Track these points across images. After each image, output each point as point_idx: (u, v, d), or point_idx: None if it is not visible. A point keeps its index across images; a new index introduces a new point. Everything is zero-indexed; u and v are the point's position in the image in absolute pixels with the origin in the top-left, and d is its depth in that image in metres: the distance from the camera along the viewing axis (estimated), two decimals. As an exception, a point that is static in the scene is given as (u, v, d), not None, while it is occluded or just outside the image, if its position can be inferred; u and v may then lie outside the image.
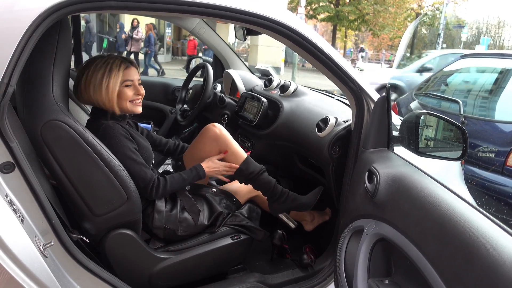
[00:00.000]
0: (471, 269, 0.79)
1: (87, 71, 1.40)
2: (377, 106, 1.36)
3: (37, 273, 1.00)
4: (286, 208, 1.75)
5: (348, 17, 22.58)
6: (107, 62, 1.41)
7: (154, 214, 1.49)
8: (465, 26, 18.78)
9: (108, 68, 1.40)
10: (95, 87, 1.40)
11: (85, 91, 1.41)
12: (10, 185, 1.03)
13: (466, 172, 2.93)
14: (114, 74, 1.40)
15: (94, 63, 1.41)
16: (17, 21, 0.98)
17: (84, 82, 1.41)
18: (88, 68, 1.40)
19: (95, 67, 1.40)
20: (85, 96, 1.43)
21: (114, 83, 1.41)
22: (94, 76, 1.39)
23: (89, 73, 1.40)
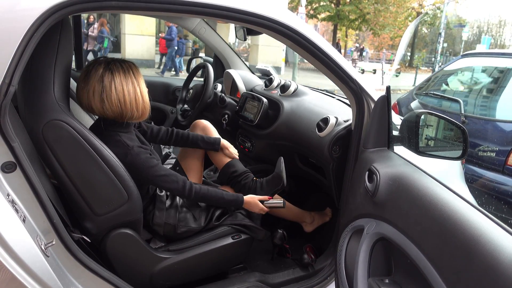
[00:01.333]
0: (471, 268, 0.79)
1: (103, 80, 1.26)
2: (377, 106, 1.36)
3: (39, 272, 1.01)
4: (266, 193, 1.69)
5: (349, 17, 22.56)
6: (125, 67, 1.29)
7: (155, 212, 1.50)
8: (466, 25, 18.74)
9: (131, 74, 1.30)
10: (120, 102, 1.29)
11: (109, 109, 1.29)
12: (12, 185, 1.03)
13: (467, 172, 2.93)
14: (140, 79, 1.33)
15: (101, 78, 1.26)
16: (18, 21, 0.98)
17: (104, 102, 1.27)
18: (102, 77, 1.26)
19: (111, 80, 1.26)
20: (106, 113, 1.29)
21: (144, 88, 1.34)
22: (118, 91, 1.27)
23: (113, 86, 1.27)
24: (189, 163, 1.81)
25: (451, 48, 19.47)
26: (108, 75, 1.27)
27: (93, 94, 1.27)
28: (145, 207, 1.48)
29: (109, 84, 1.27)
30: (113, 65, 1.29)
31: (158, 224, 1.50)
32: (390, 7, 22.53)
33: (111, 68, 1.28)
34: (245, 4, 1.24)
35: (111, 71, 1.27)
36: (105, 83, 1.27)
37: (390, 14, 22.92)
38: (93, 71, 1.27)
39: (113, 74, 1.28)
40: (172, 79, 3.10)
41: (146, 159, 1.37)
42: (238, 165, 1.81)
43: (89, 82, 1.27)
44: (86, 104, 1.30)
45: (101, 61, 1.30)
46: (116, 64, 1.30)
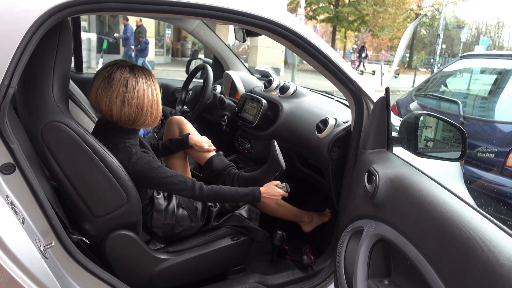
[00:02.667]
0: (470, 269, 0.79)
1: (131, 90, 1.26)
2: (377, 107, 1.36)
3: (38, 274, 1.01)
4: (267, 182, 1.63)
5: (348, 18, 22.60)
6: (146, 74, 1.30)
7: (153, 213, 1.50)
8: (465, 26, 18.78)
9: (151, 79, 1.31)
10: (139, 107, 1.28)
11: (127, 113, 1.28)
12: (11, 186, 1.03)
13: (465, 173, 2.93)
14: (157, 86, 1.33)
15: (126, 81, 1.26)
16: (17, 22, 0.98)
17: (124, 105, 1.26)
18: (127, 87, 1.26)
19: (134, 85, 1.26)
20: (122, 117, 1.28)
21: (159, 95, 1.34)
22: (139, 96, 1.27)
23: (136, 92, 1.26)
24: (173, 164, 1.82)
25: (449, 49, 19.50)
26: (132, 78, 1.27)
27: (116, 96, 1.26)
28: (143, 209, 1.47)
29: (132, 88, 1.27)
30: (136, 70, 1.29)
31: (157, 226, 1.50)
32: (389, 9, 22.58)
33: (135, 73, 1.28)
34: (244, 6, 1.25)
35: (135, 75, 1.28)
36: (130, 86, 1.26)
37: (389, 16, 22.96)
38: (118, 73, 1.26)
39: (137, 79, 1.28)
40: (171, 81, 3.10)
41: (149, 162, 1.36)
42: (217, 162, 1.81)
43: (113, 84, 1.26)
44: (106, 107, 1.28)
45: (124, 64, 1.30)
46: (138, 68, 1.30)
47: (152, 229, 1.51)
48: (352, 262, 1.18)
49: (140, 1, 1.12)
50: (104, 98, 1.27)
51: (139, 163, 1.33)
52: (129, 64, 1.30)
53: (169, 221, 1.51)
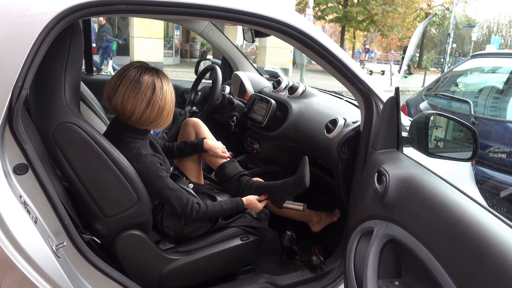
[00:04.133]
0: (482, 270, 0.78)
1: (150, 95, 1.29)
2: (386, 107, 1.36)
3: (50, 273, 1.02)
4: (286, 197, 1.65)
5: (357, 18, 22.47)
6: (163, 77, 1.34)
7: (163, 213, 1.51)
8: (476, 25, 18.57)
9: (169, 84, 1.35)
10: (160, 109, 1.32)
11: (148, 114, 1.31)
12: (24, 187, 1.05)
13: (477, 173, 2.90)
14: (172, 88, 1.36)
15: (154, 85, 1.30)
16: (30, 25, 0.99)
17: (149, 107, 1.30)
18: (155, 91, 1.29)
19: (160, 88, 1.31)
20: (142, 118, 1.31)
21: (174, 97, 1.38)
22: (163, 99, 1.31)
23: (155, 98, 1.30)
24: (186, 166, 1.82)
25: (460, 48, 19.29)
26: (159, 82, 1.31)
27: (143, 99, 1.29)
28: (154, 209, 1.49)
29: (159, 91, 1.31)
30: (161, 73, 1.34)
31: (168, 226, 1.51)
32: (398, 8, 22.40)
33: (160, 76, 1.33)
34: (253, 7, 1.25)
35: (160, 79, 1.32)
36: (157, 89, 1.30)
37: (398, 15, 22.78)
38: (146, 76, 1.29)
39: (162, 82, 1.32)
40: (180, 82, 3.11)
41: (157, 169, 1.37)
42: (229, 168, 1.79)
43: (142, 87, 1.28)
44: (131, 108, 1.29)
45: (149, 67, 1.33)
46: (161, 72, 1.34)
47: (163, 229, 1.52)
48: (362, 263, 1.17)
49: (149, 2, 1.13)
50: (131, 100, 1.29)
51: (147, 167, 1.35)
52: (152, 68, 1.34)
53: (179, 221, 1.52)
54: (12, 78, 0.97)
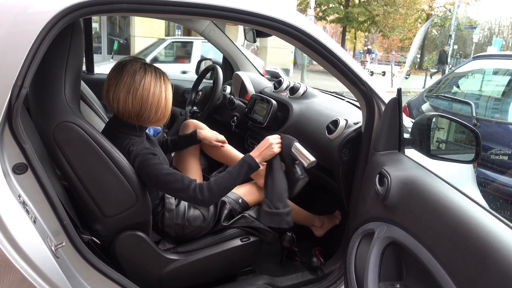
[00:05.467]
0: (486, 274, 0.78)
1: (138, 86, 1.28)
2: (388, 108, 1.35)
3: (49, 273, 1.01)
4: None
5: (358, 19, 22.44)
6: (156, 71, 1.33)
7: (164, 213, 1.50)
8: (477, 27, 18.56)
9: (162, 79, 1.33)
10: (143, 100, 1.30)
11: (131, 104, 1.30)
12: (23, 186, 1.04)
13: (479, 175, 2.89)
14: (168, 87, 1.35)
15: (135, 73, 1.29)
16: (30, 23, 0.99)
17: (129, 95, 1.28)
18: (136, 83, 1.28)
19: (142, 78, 1.29)
20: (126, 108, 1.30)
21: (170, 95, 1.36)
22: (145, 88, 1.29)
23: (142, 88, 1.29)
24: (185, 164, 1.80)
25: (461, 50, 19.28)
26: (141, 71, 1.31)
27: (123, 86, 1.29)
28: (154, 209, 1.48)
29: (139, 80, 1.30)
30: (148, 66, 1.33)
31: (169, 225, 1.50)
32: (399, 9, 22.37)
33: (145, 68, 1.32)
34: (255, 6, 1.24)
35: (145, 69, 1.31)
36: (136, 78, 1.30)
37: (399, 16, 22.75)
38: (129, 65, 1.31)
39: (145, 73, 1.31)
40: (181, 81, 3.11)
41: (147, 158, 1.32)
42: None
43: (123, 74, 1.29)
44: (114, 96, 1.31)
45: (138, 60, 1.34)
46: (151, 67, 1.34)
47: (164, 229, 1.51)
48: (363, 265, 1.17)
49: (151, 2, 1.12)
50: (113, 86, 1.30)
51: (137, 160, 1.33)
52: (143, 62, 1.34)
53: (180, 221, 1.51)
54: (12, 76, 0.97)
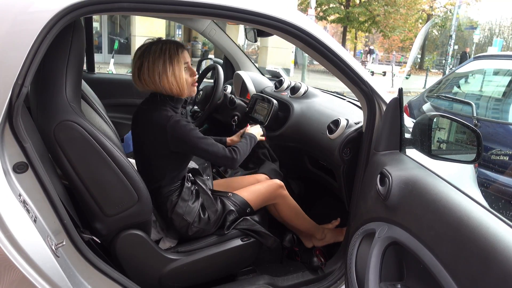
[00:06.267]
0: (488, 274, 0.77)
1: (146, 60, 1.41)
2: (389, 108, 1.35)
3: (49, 273, 1.01)
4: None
5: (359, 19, 22.41)
6: (163, 48, 1.41)
7: (178, 201, 1.52)
8: (478, 27, 18.55)
9: (167, 54, 1.41)
10: (160, 75, 1.41)
11: (151, 80, 1.43)
12: (23, 185, 1.04)
13: (479, 175, 2.89)
14: (175, 60, 1.42)
15: (150, 51, 1.41)
16: (31, 22, 0.99)
17: (147, 71, 1.42)
18: (146, 57, 1.41)
19: (153, 55, 1.40)
20: (151, 85, 1.45)
21: (179, 69, 1.43)
22: (155, 64, 1.40)
23: (149, 62, 1.41)
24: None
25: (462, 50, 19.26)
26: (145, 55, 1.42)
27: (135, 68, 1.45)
28: (168, 195, 1.51)
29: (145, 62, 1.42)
30: (155, 46, 1.42)
31: (178, 213, 1.51)
32: (400, 9, 22.33)
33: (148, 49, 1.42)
34: (256, 6, 1.24)
35: (148, 52, 1.42)
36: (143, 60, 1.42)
37: (400, 16, 22.71)
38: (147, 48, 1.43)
39: (145, 56, 1.42)
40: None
41: (187, 124, 1.45)
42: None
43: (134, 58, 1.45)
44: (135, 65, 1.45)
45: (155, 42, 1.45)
46: (158, 45, 1.42)
47: (171, 216, 1.51)
48: (364, 265, 1.16)
49: (152, 1, 1.12)
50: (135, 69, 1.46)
51: (178, 124, 1.42)
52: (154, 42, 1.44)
53: (188, 218, 1.52)
54: (12, 75, 0.96)
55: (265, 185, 1.76)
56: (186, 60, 1.46)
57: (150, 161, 1.52)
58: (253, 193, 1.72)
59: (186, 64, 1.46)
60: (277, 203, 1.77)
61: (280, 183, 1.79)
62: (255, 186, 1.75)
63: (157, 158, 1.50)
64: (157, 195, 1.52)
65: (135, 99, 2.70)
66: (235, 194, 1.69)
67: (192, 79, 1.50)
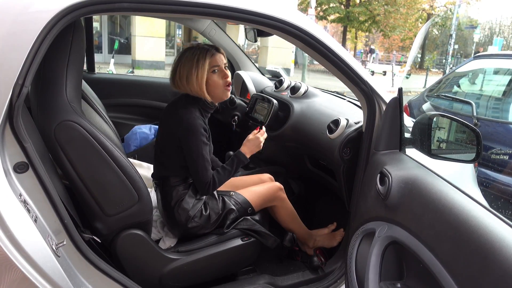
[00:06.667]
0: (487, 274, 0.77)
1: (180, 63, 1.52)
2: (389, 108, 1.35)
3: (50, 272, 1.01)
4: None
5: (359, 18, 22.39)
6: (195, 53, 1.51)
7: (185, 197, 1.55)
8: (478, 26, 18.51)
9: (195, 59, 1.50)
10: (187, 78, 1.51)
11: (180, 82, 1.53)
12: (24, 185, 1.04)
13: (479, 175, 2.89)
14: (201, 64, 1.50)
15: (184, 56, 1.52)
16: (31, 23, 0.99)
17: (178, 75, 1.53)
18: (180, 61, 1.53)
19: (185, 59, 1.51)
20: (181, 86, 1.54)
21: (202, 73, 1.50)
22: (184, 68, 1.51)
23: (181, 66, 1.52)
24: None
25: (462, 49, 19.23)
26: (181, 58, 1.53)
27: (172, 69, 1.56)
28: (176, 184, 1.54)
29: (179, 65, 1.53)
30: (189, 51, 1.52)
31: (183, 207, 1.53)
32: (400, 9, 22.31)
33: (183, 54, 1.53)
34: (256, 6, 1.24)
35: (183, 55, 1.53)
36: (177, 63, 1.54)
37: (400, 16, 22.69)
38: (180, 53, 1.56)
39: (181, 59, 1.53)
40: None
41: (200, 132, 1.48)
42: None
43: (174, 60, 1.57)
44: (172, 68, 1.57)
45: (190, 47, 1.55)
46: (191, 50, 1.52)
47: (176, 208, 1.53)
48: (364, 264, 1.16)
49: (153, 1, 1.12)
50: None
51: (192, 125, 1.47)
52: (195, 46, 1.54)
53: (191, 212, 1.54)
54: (13, 75, 0.96)
55: (266, 186, 1.77)
56: (217, 63, 1.54)
57: (165, 149, 1.58)
58: (254, 194, 1.73)
59: (216, 68, 1.54)
60: (276, 205, 1.78)
61: (279, 185, 1.80)
62: (256, 187, 1.76)
63: (170, 148, 1.55)
64: (165, 183, 1.57)
65: (135, 99, 2.71)
66: (237, 193, 1.70)
67: (223, 82, 1.56)
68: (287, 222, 1.83)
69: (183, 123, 1.49)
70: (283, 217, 1.81)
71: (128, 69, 9.90)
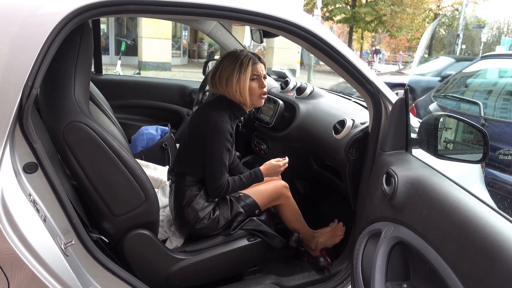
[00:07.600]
0: (493, 274, 0.77)
1: (221, 65, 1.55)
2: (395, 108, 1.35)
3: (58, 271, 1.03)
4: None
5: (365, 19, 22.29)
6: (238, 57, 1.54)
7: (197, 198, 1.56)
8: (485, 26, 18.36)
9: (239, 63, 1.53)
10: (227, 81, 1.54)
11: (219, 83, 1.56)
12: (33, 185, 1.06)
13: (487, 175, 2.87)
14: (243, 69, 1.53)
15: (227, 58, 1.55)
16: (40, 25, 1.00)
17: (218, 75, 1.56)
18: (222, 63, 1.55)
19: (228, 61, 1.54)
20: (219, 87, 1.58)
21: (244, 78, 1.53)
22: (226, 70, 1.53)
23: (223, 67, 1.54)
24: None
25: (469, 49, 19.08)
26: (223, 60, 1.56)
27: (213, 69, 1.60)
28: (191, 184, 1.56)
29: (220, 66, 1.56)
30: (233, 55, 1.55)
31: (194, 209, 1.54)
32: (407, 9, 22.18)
33: (234, 52, 1.57)
34: (262, 7, 1.25)
35: (226, 58, 1.56)
36: (219, 64, 1.57)
37: (407, 16, 22.56)
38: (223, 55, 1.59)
39: (223, 61, 1.56)
40: (188, 82, 3.13)
41: (225, 137, 1.50)
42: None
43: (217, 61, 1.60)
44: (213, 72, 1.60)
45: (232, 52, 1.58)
46: (235, 54, 1.55)
47: (187, 209, 1.54)
48: (370, 265, 1.16)
49: (159, 3, 1.13)
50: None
51: (220, 128, 1.50)
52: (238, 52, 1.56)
53: (200, 214, 1.55)
54: (23, 77, 0.98)
55: (272, 185, 1.77)
56: (258, 72, 1.57)
57: (189, 146, 1.60)
58: (261, 194, 1.73)
59: (256, 76, 1.57)
60: (281, 204, 1.78)
61: (285, 183, 1.80)
62: (263, 186, 1.76)
63: (194, 146, 1.57)
64: (180, 181, 1.59)
65: (141, 100, 2.73)
66: (246, 195, 1.70)
67: (260, 90, 1.58)
68: (292, 222, 1.83)
69: (211, 124, 1.51)
70: (288, 216, 1.82)
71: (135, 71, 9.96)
